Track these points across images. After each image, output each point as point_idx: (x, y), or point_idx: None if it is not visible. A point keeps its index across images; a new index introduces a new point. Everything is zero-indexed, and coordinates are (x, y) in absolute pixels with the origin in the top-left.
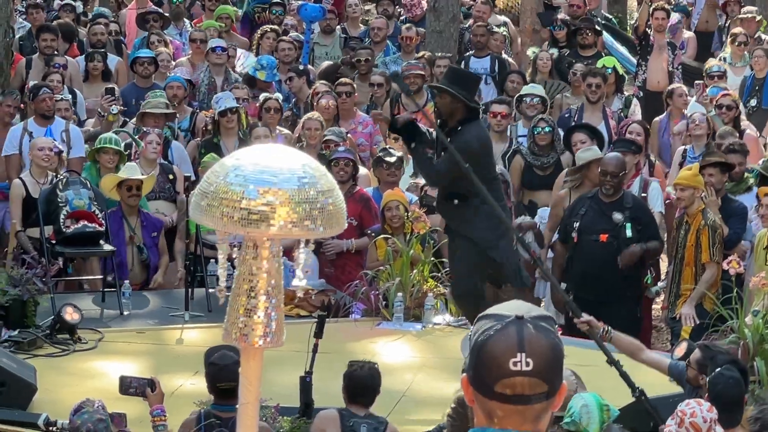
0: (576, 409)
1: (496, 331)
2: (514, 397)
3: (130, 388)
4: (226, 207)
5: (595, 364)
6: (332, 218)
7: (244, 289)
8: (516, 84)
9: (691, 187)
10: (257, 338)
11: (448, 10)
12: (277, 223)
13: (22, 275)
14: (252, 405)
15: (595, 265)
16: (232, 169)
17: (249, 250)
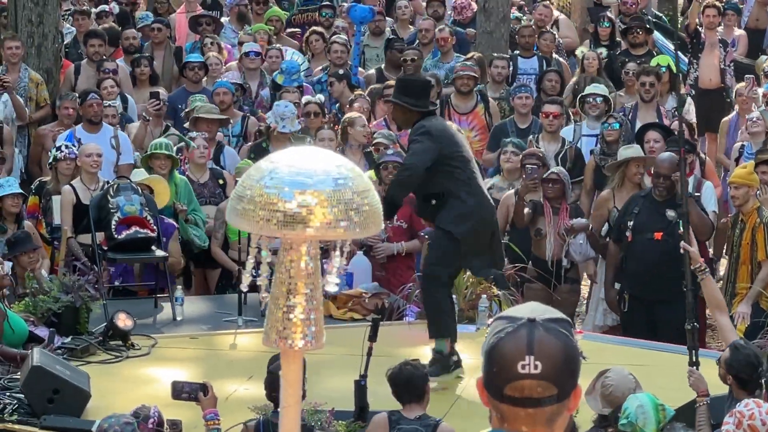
0: (632, 410)
1: (507, 334)
2: (524, 399)
3: (183, 393)
4: (262, 210)
5: (651, 363)
6: (368, 218)
7: (283, 292)
8: (554, 83)
9: (745, 185)
10: (297, 341)
11: (498, 11)
12: (314, 224)
13: (74, 282)
14: (293, 408)
15: (650, 263)
16: (267, 172)
17: (286, 253)
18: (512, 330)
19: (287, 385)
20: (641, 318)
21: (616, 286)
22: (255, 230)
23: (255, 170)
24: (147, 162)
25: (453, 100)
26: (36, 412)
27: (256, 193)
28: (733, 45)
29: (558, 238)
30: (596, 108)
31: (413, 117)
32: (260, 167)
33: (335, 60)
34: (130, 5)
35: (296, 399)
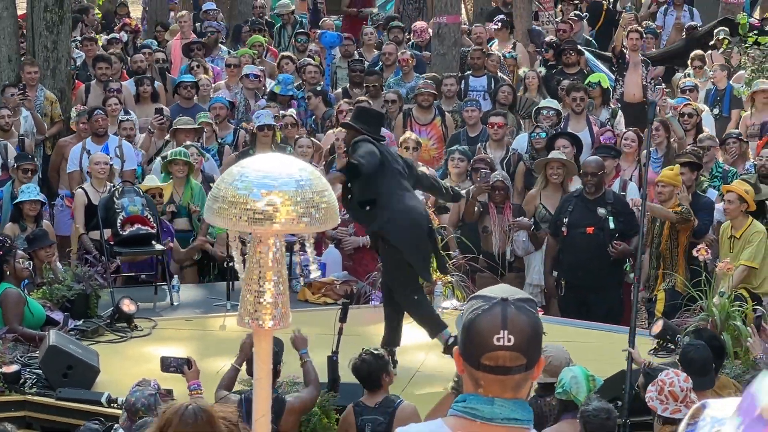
0: (566, 380)
1: (483, 311)
2: (497, 368)
3: (171, 367)
4: (234, 209)
5: (584, 341)
6: (327, 215)
7: (254, 280)
8: (506, 94)
9: (671, 184)
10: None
11: (450, 36)
12: (279, 220)
13: (85, 272)
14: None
15: (583, 255)
16: (238, 175)
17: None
18: (488, 308)
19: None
20: (575, 302)
21: (554, 275)
22: (229, 226)
23: (227, 174)
24: (167, 167)
25: (414, 113)
26: (52, 385)
27: (229, 194)
28: (654, 65)
29: (503, 234)
30: (549, 119)
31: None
32: (232, 171)
33: (309, 79)
34: (132, 33)
35: (267, 372)
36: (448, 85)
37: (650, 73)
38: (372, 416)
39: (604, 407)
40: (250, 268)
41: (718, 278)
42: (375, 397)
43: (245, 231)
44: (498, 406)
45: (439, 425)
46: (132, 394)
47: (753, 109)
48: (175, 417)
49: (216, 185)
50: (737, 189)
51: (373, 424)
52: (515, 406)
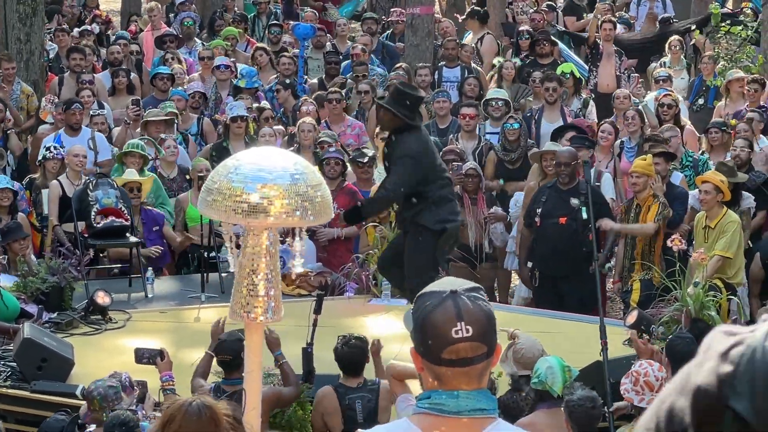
0: (542, 371)
1: (435, 306)
2: (459, 360)
3: (144, 358)
4: (229, 201)
5: (559, 331)
6: (321, 208)
7: (247, 272)
8: (473, 86)
9: (645, 174)
10: (259, 315)
11: (423, 27)
12: (273, 213)
13: (59, 265)
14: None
15: (556, 245)
16: (233, 168)
17: (250, 238)
18: (439, 302)
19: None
20: (549, 292)
21: (529, 265)
22: (223, 218)
23: (222, 167)
24: (122, 158)
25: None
26: (27, 378)
27: (224, 186)
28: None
29: (479, 226)
30: (498, 110)
31: (398, 124)
32: (227, 164)
33: (284, 71)
34: (104, 24)
35: (258, 365)
36: (422, 76)
37: (624, 64)
38: (359, 395)
39: (589, 396)
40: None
41: (692, 268)
42: (355, 379)
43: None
44: (463, 398)
45: (405, 424)
46: (93, 383)
47: (728, 99)
48: (179, 413)
49: (210, 177)
50: (713, 179)
51: (362, 401)
52: (480, 396)
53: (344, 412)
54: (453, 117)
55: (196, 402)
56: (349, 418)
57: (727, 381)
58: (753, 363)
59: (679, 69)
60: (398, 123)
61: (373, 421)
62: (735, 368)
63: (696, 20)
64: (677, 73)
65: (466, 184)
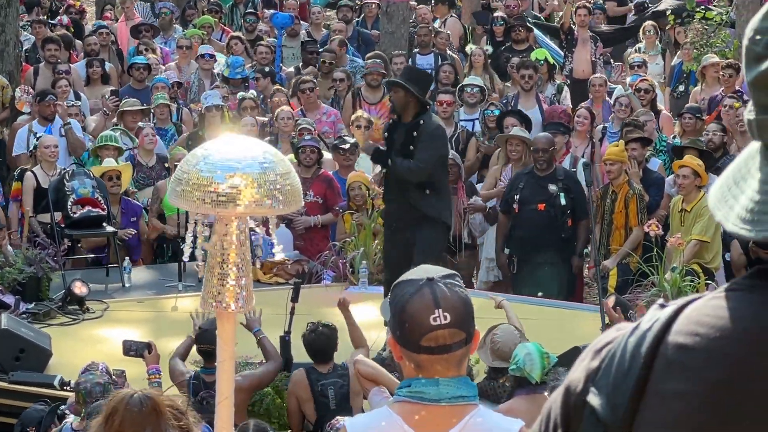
0: (520, 357)
1: (412, 294)
2: (438, 347)
3: (131, 351)
4: (198, 191)
5: (537, 317)
6: (290, 197)
7: (218, 262)
8: (448, 74)
9: (618, 161)
10: (230, 304)
11: (399, 14)
12: (243, 203)
13: (36, 255)
14: (228, 362)
15: (534, 231)
16: (201, 158)
17: (220, 228)
18: (416, 290)
19: (222, 342)
20: (527, 278)
21: (506, 252)
22: (192, 209)
23: (191, 156)
24: (97, 152)
25: (363, 92)
26: (4, 368)
27: (193, 176)
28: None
29: (458, 216)
30: (473, 97)
31: (412, 105)
32: (196, 154)
33: (261, 60)
34: (78, 14)
35: (231, 354)
36: (398, 64)
37: (599, 49)
38: (330, 380)
39: None
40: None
41: (669, 253)
42: (325, 365)
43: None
44: (443, 386)
45: (386, 412)
46: (85, 376)
47: (704, 84)
48: (121, 405)
49: (179, 167)
50: (691, 164)
51: (334, 386)
52: (460, 383)
53: (317, 399)
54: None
55: (138, 394)
56: (323, 404)
57: (591, 376)
58: (614, 358)
59: (654, 54)
60: (413, 102)
61: (346, 407)
62: (600, 363)
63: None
64: (652, 59)
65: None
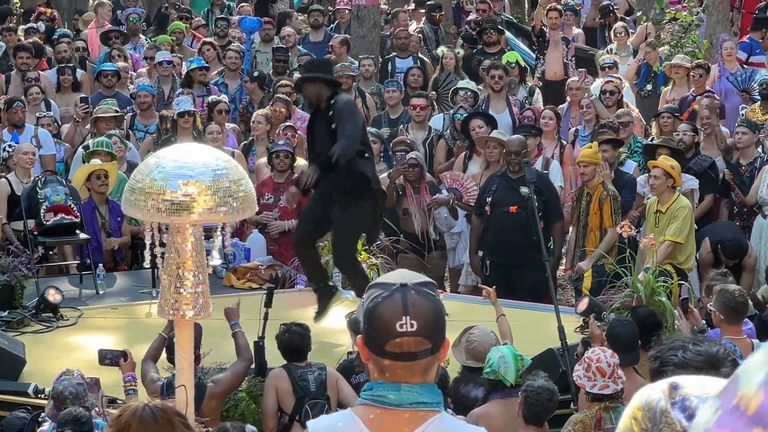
0: (495, 360)
1: (384, 298)
2: (403, 354)
3: (106, 359)
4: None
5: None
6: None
7: (174, 270)
8: (416, 77)
9: (592, 163)
10: (187, 312)
11: (370, 18)
12: (197, 210)
13: (9, 263)
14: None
15: (506, 233)
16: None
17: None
18: (387, 294)
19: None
20: (500, 280)
21: (480, 254)
22: (147, 218)
23: (144, 165)
24: (90, 157)
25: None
26: None
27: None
28: (573, 41)
29: (423, 214)
30: (467, 101)
31: (325, 91)
32: (149, 162)
33: (230, 65)
34: (50, 21)
35: (189, 361)
36: (366, 66)
37: (571, 51)
38: (309, 369)
39: (549, 387)
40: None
41: (642, 254)
42: (301, 362)
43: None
44: (405, 391)
45: (347, 415)
46: (59, 383)
47: (672, 84)
48: (134, 419)
49: (133, 176)
50: (663, 165)
51: (313, 374)
52: (423, 389)
53: (296, 385)
54: (404, 107)
55: (149, 406)
56: (302, 387)
57: None
58: None
59: (626, 56)
60: (324, 88)
61: (324, 394)
62: None
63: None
64: (623, 60)
65: (408, 174)
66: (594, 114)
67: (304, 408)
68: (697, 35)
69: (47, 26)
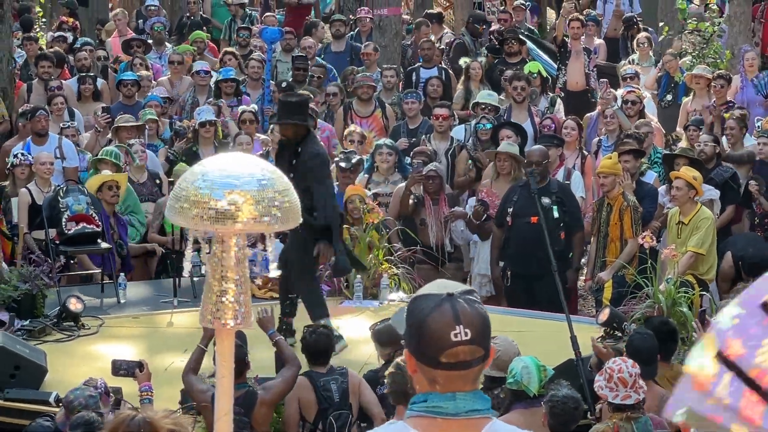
0: (518, 370)
1: (432, 309)
2: (458, 364)
3: (121, 370)
4: (197, 208)
5: (532, 330)
6: (288, 214)
7: (216, 279)
8: (435, 87)
9: (612, 173)
10: (229, 320)
11: (391, 28)
12: (242, 220)
13: (31, 272)
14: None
15: (528, 244)
16: (200, 175)
17: (218, 245)
18: (436, 305)
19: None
20: (521, 291)
21: (500, 265)
22: (191, 226)
23: (190, 173)
24: (96, 165)
25: (354, 106)
26: (0, 386)
27: (191, 193)
28: (595, 52)
29: (440, 225)
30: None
31: (301, 130)
32: (194, 171)
33: (252, 74)
34: (72, 31)
35: (230, 370)
36: (387, 77)
37: (592, 62)
38: (331, 377)
39: (574, 396)
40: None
41: (664, 265)
42: (324, 367)
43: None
44: (460, 400)
45: (401, 426)
46: (72, 392)
47: (693, 95)
48: (122, 426)
49: (178, 184)
50: (685, 176)
51: (336, 382)
52: (475, 397)
53: (320, 394)
54: (423, 117)
55: (139, 416)
56: (326, 398)
57: None
58: None
59: (647, 66)
60: (298, 129)
61: (347, 403)
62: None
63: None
64: (645, 70)
65: (426, 186)
66: (617, 124)
67: (329, 420)
68: (719, 46)
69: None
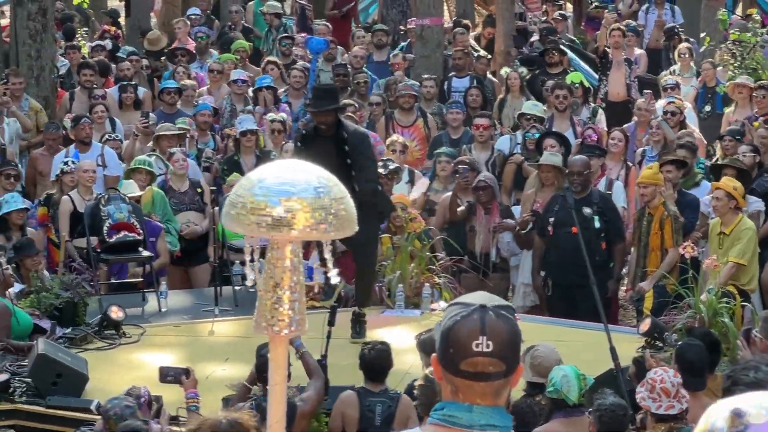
0: (557, 379)
1: (462, 317)
2: (477, 374)
3: (168, 377)
4: (253, 215)
5: (572, 339)
6: (344, 222)
7: (271, 286)
8: (475, 97)
9: (652, 183)
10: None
11: (433, 38)
12: (297, 227)
13: (73, 280)
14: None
15: (568, 254)
16: (257, 182)
17: (274, 252)
18: (466, 314)
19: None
20: (562, 300)
21: (541, 274)
22: (247, 232)
23: (246, 180)
24: (130, 174)
25: (396, 115)
26: (42, 393)
27: (248, 200)
28: (636, 63)
29: (488, 234)
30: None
31: (335, 116)
32: (250, 178)
33: (294, 84)
34: (114, 39)
35: (283, 379)
36: (427, 87)
37: (633, 72)
38: (379, 399)
39: (621, 403)
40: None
41: (705, 275)
42: (378, 385)
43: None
44: (477, 413)
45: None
46: (109, 401)
47: (735, 105)
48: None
49: (234, 191)
50: (725, 186)
51: (382, 406)
52: (494, 412)
53: (363, 414)
54: (465, 128)
55: (225, 419)
56: (367, 419)
57: None
58: None
59: (689, 77)
60: (335, 115)
61: (389, 428)
62: None
63: None
64: (686, 81)
65: (478, 197)
66: (662, 135)
67: None
68: (760, 56)
69: (112, 44)
